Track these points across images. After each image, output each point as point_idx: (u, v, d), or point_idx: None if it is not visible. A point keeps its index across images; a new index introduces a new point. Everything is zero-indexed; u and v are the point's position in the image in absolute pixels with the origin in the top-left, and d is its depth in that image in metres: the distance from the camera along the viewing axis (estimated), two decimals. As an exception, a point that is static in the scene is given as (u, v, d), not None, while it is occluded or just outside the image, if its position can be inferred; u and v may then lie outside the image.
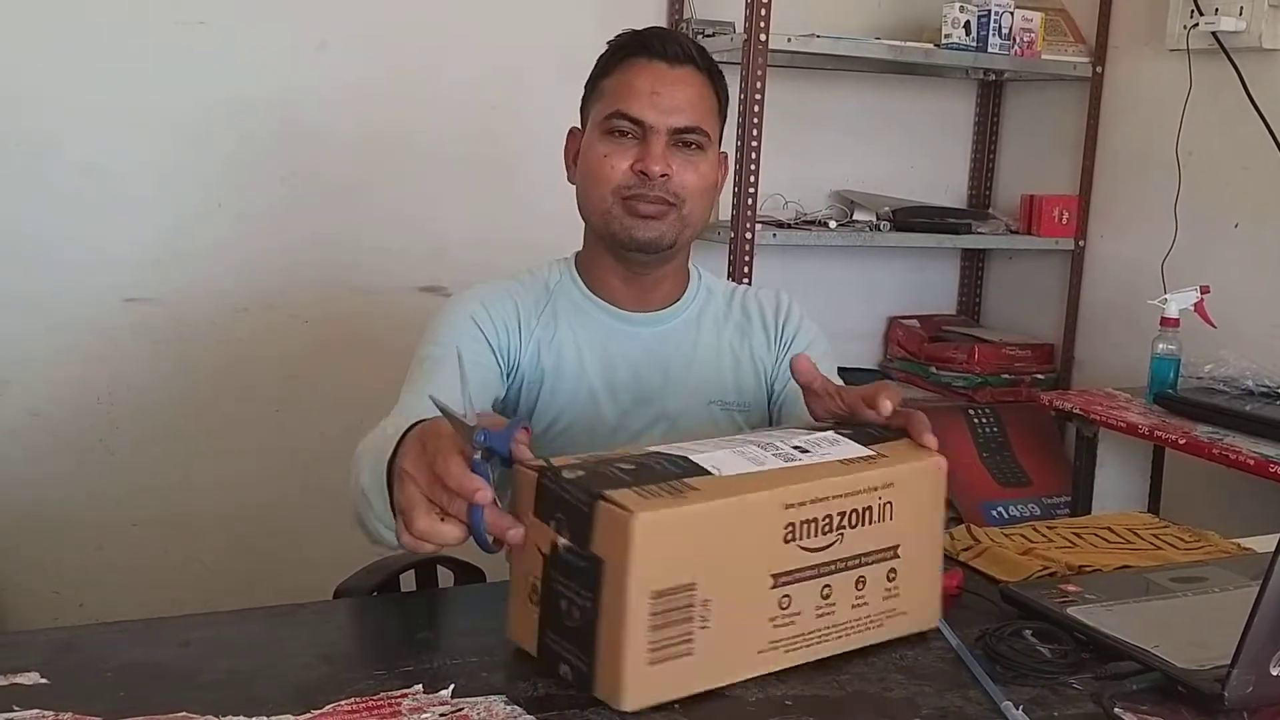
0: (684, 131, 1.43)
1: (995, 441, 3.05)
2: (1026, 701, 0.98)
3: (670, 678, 0.94)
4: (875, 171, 3.25)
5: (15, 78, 2.40)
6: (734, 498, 0.97)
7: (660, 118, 1.42)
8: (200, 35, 2.52)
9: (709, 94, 1.47)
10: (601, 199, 1.45)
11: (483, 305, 1.47)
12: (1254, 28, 2.60)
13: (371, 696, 0.95)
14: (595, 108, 1.48)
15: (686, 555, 0.94)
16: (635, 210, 1.43)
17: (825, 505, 1.01)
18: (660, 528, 0.92)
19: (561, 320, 1.51)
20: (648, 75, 1.43)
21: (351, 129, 2.67)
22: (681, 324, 1.55)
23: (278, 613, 1.14)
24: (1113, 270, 3.06)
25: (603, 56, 1.50)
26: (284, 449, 2.69)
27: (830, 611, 1.03)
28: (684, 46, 1.45)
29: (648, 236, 1.44)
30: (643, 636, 0.92)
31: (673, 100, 1.42)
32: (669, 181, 1.43)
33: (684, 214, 1.46)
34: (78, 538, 2.57)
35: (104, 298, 2.53)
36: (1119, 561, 1.32)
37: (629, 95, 1.43)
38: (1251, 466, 2.07)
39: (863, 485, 1.03)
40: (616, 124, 1.43)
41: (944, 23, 2.90)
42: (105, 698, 0.94)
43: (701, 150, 1.45)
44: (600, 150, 1.44)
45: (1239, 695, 0.95)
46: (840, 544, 1.02)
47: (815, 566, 1.01)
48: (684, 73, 1.44)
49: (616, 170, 1.43)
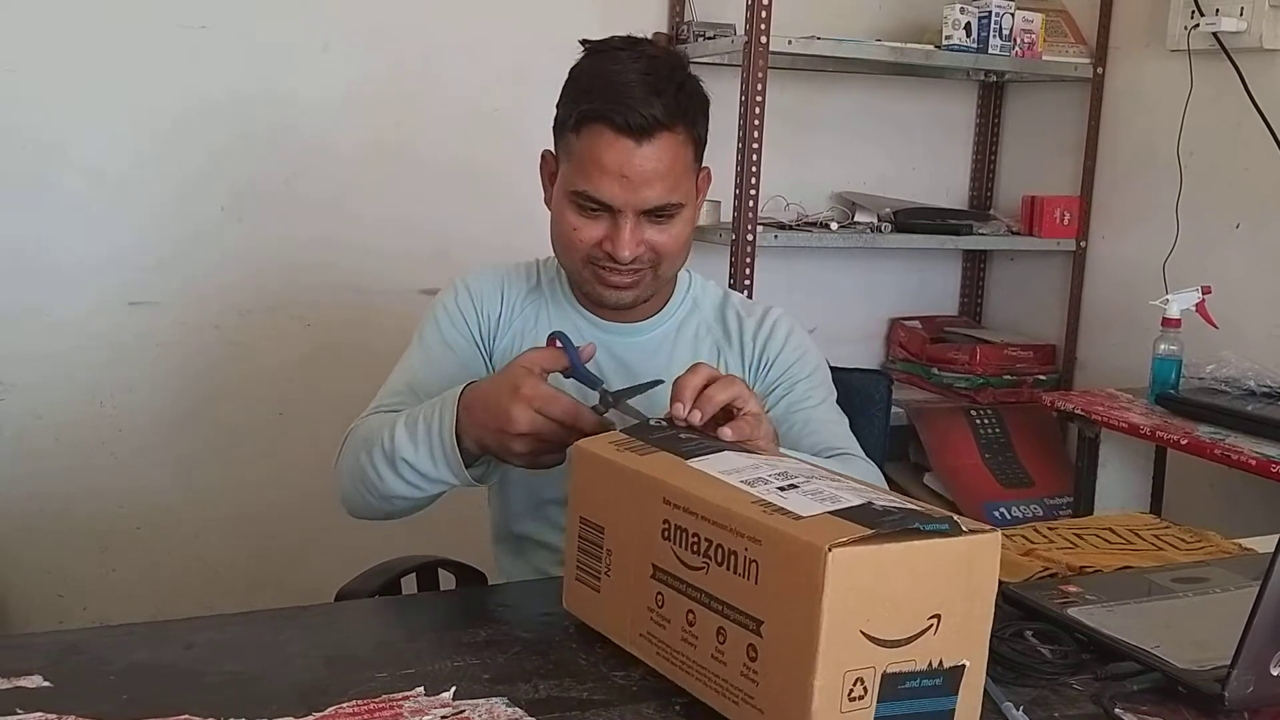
0: (655, 211, 1.37)
1: (997, 442, 3.06)
2: (1027, 702, 0.98)
3: (585, 601, 1.09)
4: (876, 173, 3.25)
5: (18, 82, 2.41)
6: (630, 467, 1.03)
7: (629, 200, 1.35)
8: (202, 39, 2.52)
9: (684, 152, 1.38)
10: (572, 262, 1.43)
11: (466, 289, 1.54)
12: (1255, 28, 2.60)
13: (373, 698, 0.95)
14: (564, 165, 1.41)
15: (601, 499, 1.06)
16: (606, 280, 1.41)
17: (697, 523, 0.94)
18: (591, 465, 1.08)
19: (544, 316, 1.52)
20: (614, 152, 1.33)
21: (353, 132, 2.68)
22: (658, 337, 1.53)
23: (281, 615, 1.14)
24: (1114, 271, 3.06)
25: (572, 92, 1.39)
26: (286, 451, 2.69)
27: (693, 644, 0.95)
28: (650, 113, 1.32)
29: (620, 300, 1.44)
30: (574, 552, 1.09)
31: (641, 180, 1.34)
32: (640, 255, 1.39)
33: (660, 273, 1.44)
34: (81, 541, 2.58)
35: (107, 301, 2.54)
36: (1120, 562, 1.33)
37: (596, 175, 1.34)
38: (1253, 466, 2.07)
39: (733, 523, 0.91)
40: (584, 202, 1.37)
41: (944, 24, 2.91)
42: (108, 700, 0.94)
43: (675, 216, 1.39)
44: (570, 221, 1.39)
45: (1239, 695, 0.95)
46: (707, 575, 0.93)
47: (685, 583, 0.96)
48: (653, 147, 1.34)
49: (585, 243, 1.39)
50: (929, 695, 0.88)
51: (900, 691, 0.86)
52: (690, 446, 1.07)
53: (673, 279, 1.54)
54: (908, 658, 0.86)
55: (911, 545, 0.86)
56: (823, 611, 0.82)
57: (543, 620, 1.14)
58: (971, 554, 0.88)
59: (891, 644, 0.85)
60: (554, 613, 1.13)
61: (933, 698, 0.88)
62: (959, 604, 0.88)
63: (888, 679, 0.86)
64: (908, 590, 0.86)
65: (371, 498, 1.37)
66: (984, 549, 0.89)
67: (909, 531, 0.87)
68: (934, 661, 0.87)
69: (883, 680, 0.86)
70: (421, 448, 1.28)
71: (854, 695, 0.85)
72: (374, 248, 2.72)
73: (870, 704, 0.86)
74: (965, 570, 0.88)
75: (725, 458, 1.04)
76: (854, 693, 0.85)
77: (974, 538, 0.88)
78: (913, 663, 0.86)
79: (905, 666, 0.86)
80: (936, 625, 0.87)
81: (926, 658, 0.87)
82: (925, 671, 0.87)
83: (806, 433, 1.47)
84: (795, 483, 0.96)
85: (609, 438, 1.11)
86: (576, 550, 1.09)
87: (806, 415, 1.49)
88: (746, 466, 1.01)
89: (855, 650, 0.85)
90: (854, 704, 0.85)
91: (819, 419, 1.50)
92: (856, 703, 0.85)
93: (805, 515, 0.89)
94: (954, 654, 0.88)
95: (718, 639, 0.92)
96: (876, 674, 0.85)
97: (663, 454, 1.05)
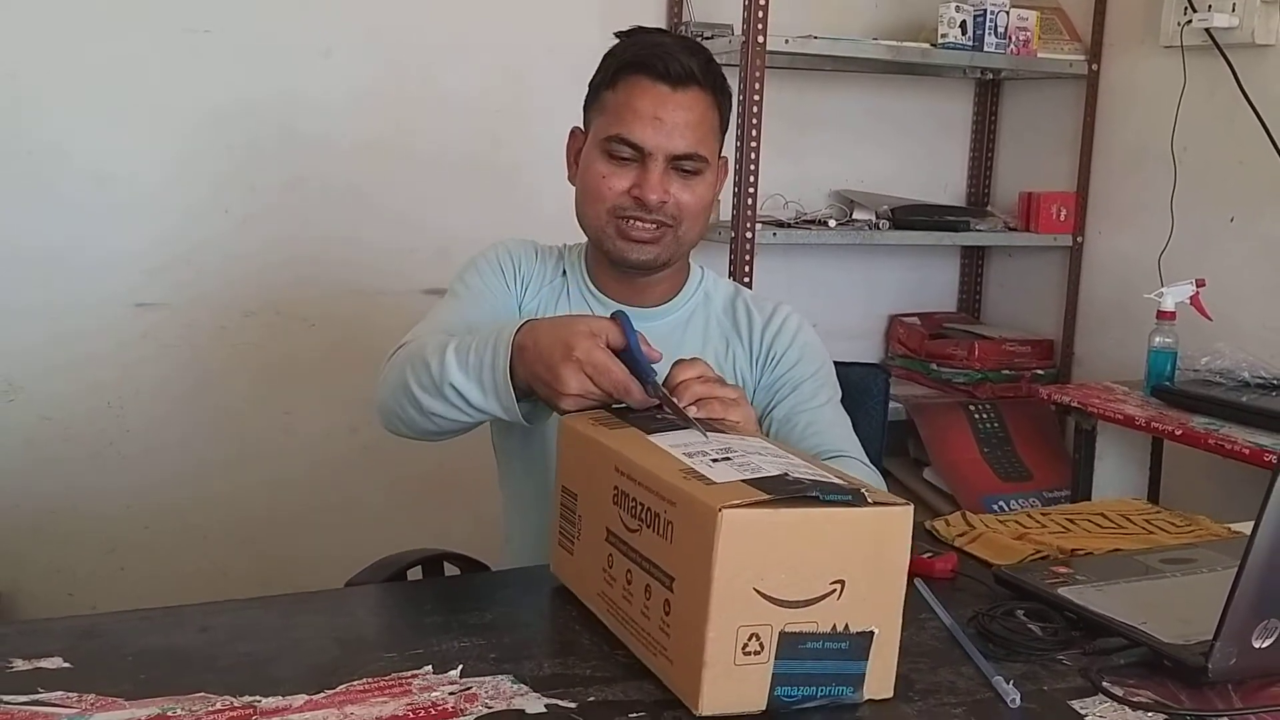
0: (683, 158, 1.44)
1: (996, 436, 3.08)
2: (1017, 676, 1.01)
3: (562, 564, 1.18)
4: (874, 171, 3.28)
5: (24, 86, 2.44)
6: (596, 439, 1.10)
7: (660, 143, 1.42)
8: (207, 42, 2.56)
9: (712, 114, 1.47)
10: (597, 216, 1.48)
11: (506, 249, 1.60)
12: (1247, 24, 2.63)
13: (383, 677, 0.98)
14: (596, 121, 1.48)
15: (576, 468, 1.14)
16: (629, 233, 1.46)
17: (637, 489, 1.00)
18: (570, 437, 1.16)
19: (563, 299, 1.57)
20: (650, 98, 1.42)
21: (357, 133, 2.71)
22: (669, 325, 1.55)
23: (292, 600, 1.17)
24: (1111, 265, 3.09)
25: (608, 61, 1.49)
26: (293, 451, 2.72)
27: (630, 601, 1.02)
28: (687, 65, 1.43)
29: (641, 258, 1.48)
30: (556, 518, 1.18)
31: (673, 125, 1.42)
32: (665, 205, 1.44)
33: (679, 234, 1.48)
34: (90, 541, 2.61)
35: (114, 302, 2.57)
36: (1111, 545, 1.35)
37: (630, 119, 1.42)
38: (1247, 456, 2.09)
39: (659, 488, 0.97)
40: (616, 148, 1.44)
41: (940, 22, 2.93)
42: (127, 680, 0.97)
43: (699, 174, 1.46)
44: (599, 170, 1.45)
45: (1222, 667, 0.98)
46: (641, 536, 1.00)
47: (626, 544, 1.02)
48: (686, 96, 1.43)
49: (614, 191, 1.45)
50: (835, 658, 0.92)
51: (801, 651, 0.91)
52: (659, 424, 1.11)
53: (689, 263, 1.59)
54: (808, 619, 0.91)
55: (807, 512, 0.91)
56: (714, 568, 0.88)
57: (547, 603, 1.17)
58: (877, 525, 0.93)
59: (789, 604, 0.90)
60: (558, 595, 1.17)
61: (839, 660, 0.93)
62: (863, 572, 0.92)
63: (786, 637, 0.91)
64: (805, 555, 0.91)
65: (414, 412, 1.35)
66: (891, 521, 0.93)
67: (808, 500, 0.91)
68: (838, 625, 0.92)
69: (781, 638, 0.91)
70: (472, 375, 1.27)
71: (749, 650, 0.90)
72: (377, 248, 2.75)
73: (768, 659, 0.91)
74: (869, 540, 0.92)
75: (687, 434, 1.08)
76: (749, 647, 0.90)
77: (878, 509, 0.92)
78: (815, 624, 0.91)
79: (806, 627, 0.91)
80: (840, 591, 0.91)
81: (830, 621, 0.92)
82: (829, 634, 0.92)
83: (810, 433, 1.49)
84: (730, 456, 1.01)
85: (592, 414, 1.16)
86: (559, 516, 1.18)
87: (810, 416, 1.51)
88: (697, 442, 1.06)
89: (749, 607, 0.90)
90: (749, 658, 0.90)
91: (823, 420, 1.51)
92: (752, 657, 0.91)
93: (719, 482, 0.94)
94: (861, 620, 0.93)
95: (645, 596, 0.99)
96: (773, 632, 0.91)
97: (631, 429, 1.10)
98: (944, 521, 1.44)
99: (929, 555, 1.28)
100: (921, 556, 1.28)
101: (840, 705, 0.95)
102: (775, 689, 0.92)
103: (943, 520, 1.44)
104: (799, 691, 0.92)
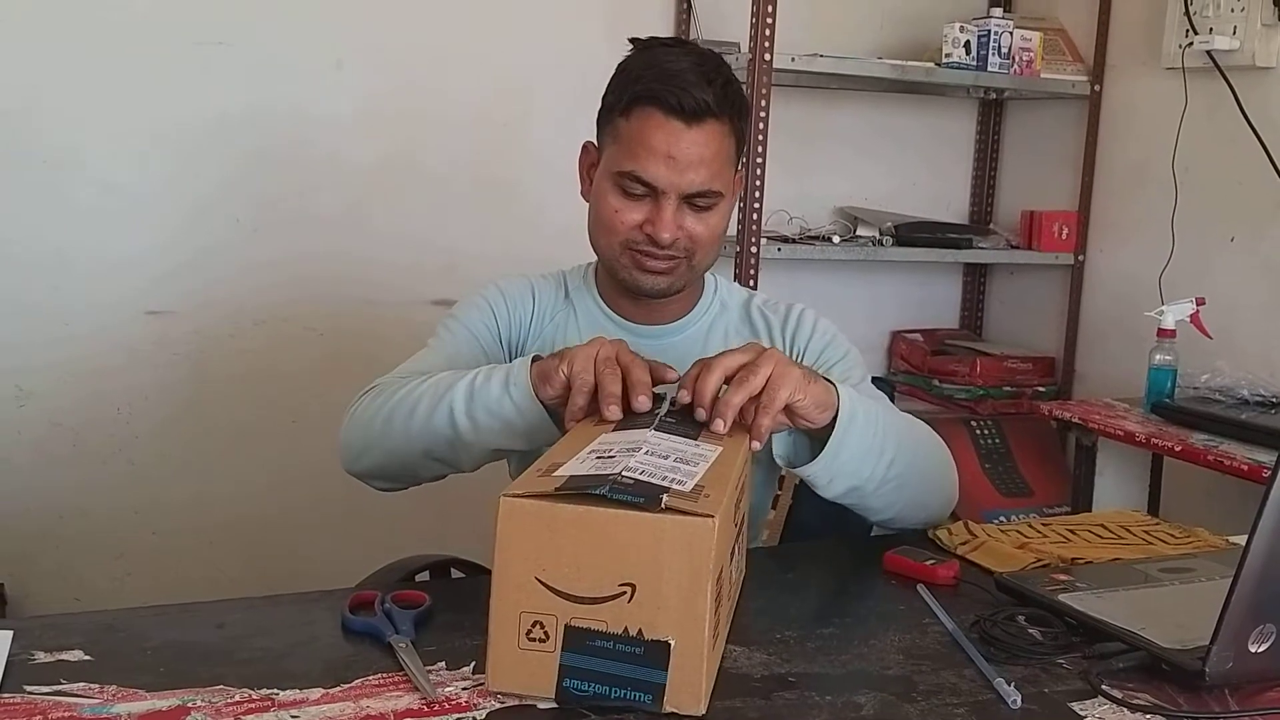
0: (697, 195, 1.41)
1: (997, 452, 3.10)
2: (1018, 679, 1.02)
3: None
4: (878, 188, 3.31)
5: (38, 96, 2.47)
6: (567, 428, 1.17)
7: (674, 182, 1.39)
8: (219, 55, 2.59)
9: (728, 143, 1.43)
10: (610, 247, 1.47)
11: (501, 293, 1.57)
12: (1247, 46, 2.66)
13: (397, 672, 1.01)
14: (610, 149, 1.45)
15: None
16: (643, 265, 1.45)
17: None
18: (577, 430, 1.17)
19: (573, 323, 1.56)
20: (664, 134, 1.38)
21: (365, 146, 2.74)
22: (689, 338, 1.55)
23: (305, 599, 1.19)
24: (1112, 284, 3.12)
25: (622, 80, 1.43)
26: (300, 458, 2.74)
27: None
28: (702, 98, 1.37)
29: (656, 287, 1.47)
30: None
31: (687, 163, 1.38)
32: (678, 241, 1.43)
33: (693, 263, 1.47)
34: (98, 546, 2.63)
35: (124, 310, 2.59)
36: (1110, 555, 1.37)
37: (644, 155, 1.39)
38: (1245, 472, 2.11)
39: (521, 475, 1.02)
40: (629, 184, 1.41)
41: (945, 42, 2.97)
42: (147, 672, 0.99)
43: (713, 207, 1.44)
44: (611, 204, 1.43)
45: (1219, 671, 1.00)
46: None
47: None
48: (701, 132, 1.39)
49: (626, 225, 1.43)
50: (628, 661, 0.92)
51: (590, 648, 0.93)
52: (631, 422, 1.14)
53: (703, 277, 1.57)
54: (596, 617, 0.92)
55: (589, 510, 0.92)
56: (495, 552, 0.93)
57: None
58: (674, 533, 0.91)
59: (574, 599, 0.92)
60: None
61: (634, 664, 0.92)
62: (657, 579, 0.91)
63: (573, 631, 0.93)
64: (589, 552, 0.92)
65: (396, 440, 1.36)
66: (688, 531, 0.91)
67: (594, 497, 0.92)
68: (631, 629, 0.92)
69: (567, 631, 0.93)
70: (495, 379, 1.29)
71: (533, 636, 0.93)
72: (385, 259, 2.77)
73: (554, 649, 0.93)
74: (666, 547, 0.91)
75: (639, 435, 1.08)
76: (533, 634, 0.93)
77: (673, 518, 0.91)
78: (604, 624, 0.92)
79: (595, 625, 0.92)
80: (631, 594, 0.92)
81: (621, 623, 0.92)
82: (621, 637, 0.92)
83: None
84: (614, 455, 1.01)
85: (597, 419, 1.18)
86: None
87: None
88: (634, 441, 1.06)
89: (531, 595, 0.93)
90: (533, 644, 0.93)
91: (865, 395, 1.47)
92: (537, 644, 0.93)
93: (555, 474, 0.97)
94: (658, 629, 0.92)
95: None
96: (559, 623, 0.93)
97: (601, 425, 1.14)
98: (946, 530, 1.46)
99: (932, 562, 1.30)
100: (925, 564, 1.30)
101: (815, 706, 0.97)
102: (564, 680, 0.93)
103: (945, 529, 1.46)
104: (590, 688, 0.93)
